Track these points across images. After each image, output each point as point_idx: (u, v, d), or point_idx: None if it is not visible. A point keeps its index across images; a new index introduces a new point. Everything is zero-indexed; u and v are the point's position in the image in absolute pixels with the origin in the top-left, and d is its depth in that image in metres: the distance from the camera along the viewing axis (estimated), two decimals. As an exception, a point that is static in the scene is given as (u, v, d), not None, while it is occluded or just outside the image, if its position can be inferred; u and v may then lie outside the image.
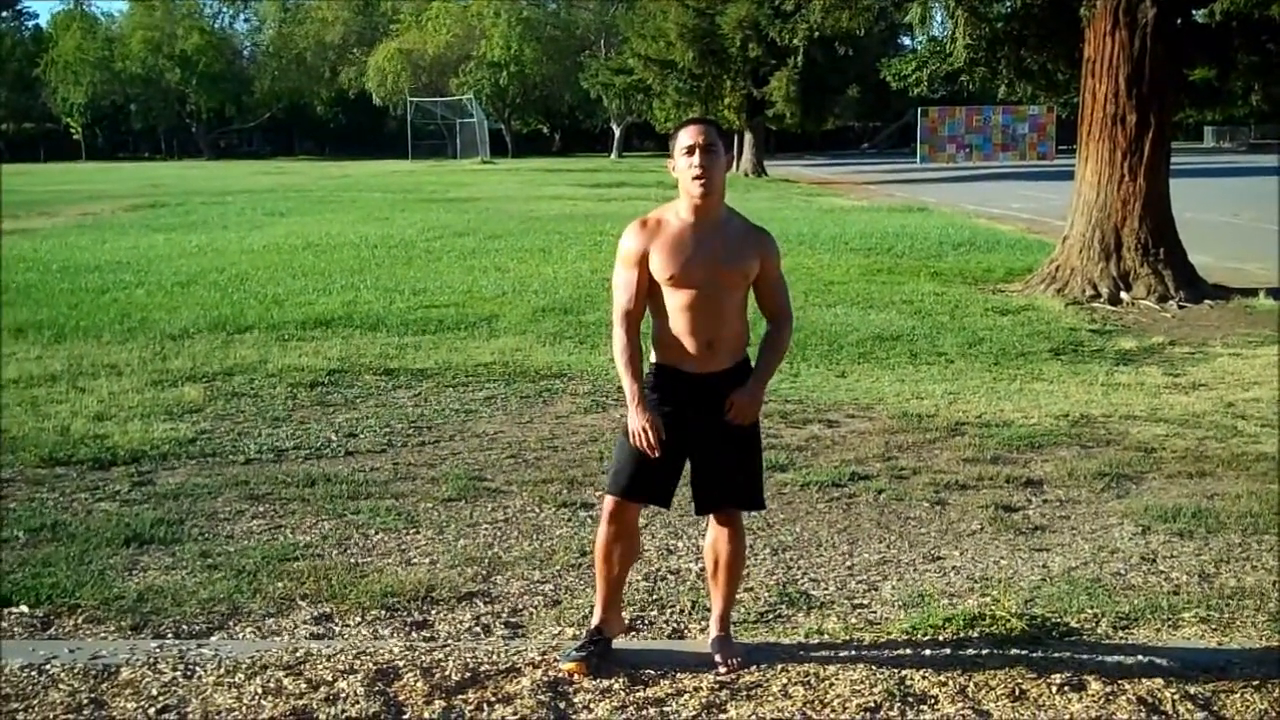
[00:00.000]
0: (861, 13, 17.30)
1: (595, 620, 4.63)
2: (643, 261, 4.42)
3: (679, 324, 4.39)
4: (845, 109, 51.28)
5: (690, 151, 4.31)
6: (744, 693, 4.31)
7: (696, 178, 4.31)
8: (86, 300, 14.05)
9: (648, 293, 4.44)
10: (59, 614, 5.11)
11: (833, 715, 4.16)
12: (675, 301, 4.39)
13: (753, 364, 4.51)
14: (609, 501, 4.50)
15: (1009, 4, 17.57)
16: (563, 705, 4.23)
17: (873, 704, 4.21)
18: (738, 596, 4.95)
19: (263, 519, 6.42)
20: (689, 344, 4.39)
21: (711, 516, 4.61)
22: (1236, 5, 13.69)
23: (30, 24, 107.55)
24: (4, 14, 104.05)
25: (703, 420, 4.42)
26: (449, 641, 4.82)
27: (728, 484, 4.52)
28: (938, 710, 4.19)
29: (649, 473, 4.44)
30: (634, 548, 4.67)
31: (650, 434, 4.32)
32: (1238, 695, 4.32)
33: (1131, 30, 14.22)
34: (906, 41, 46.16)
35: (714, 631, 4.65)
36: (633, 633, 4.90)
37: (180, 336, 11.68)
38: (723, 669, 4.47)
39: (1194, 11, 15.43)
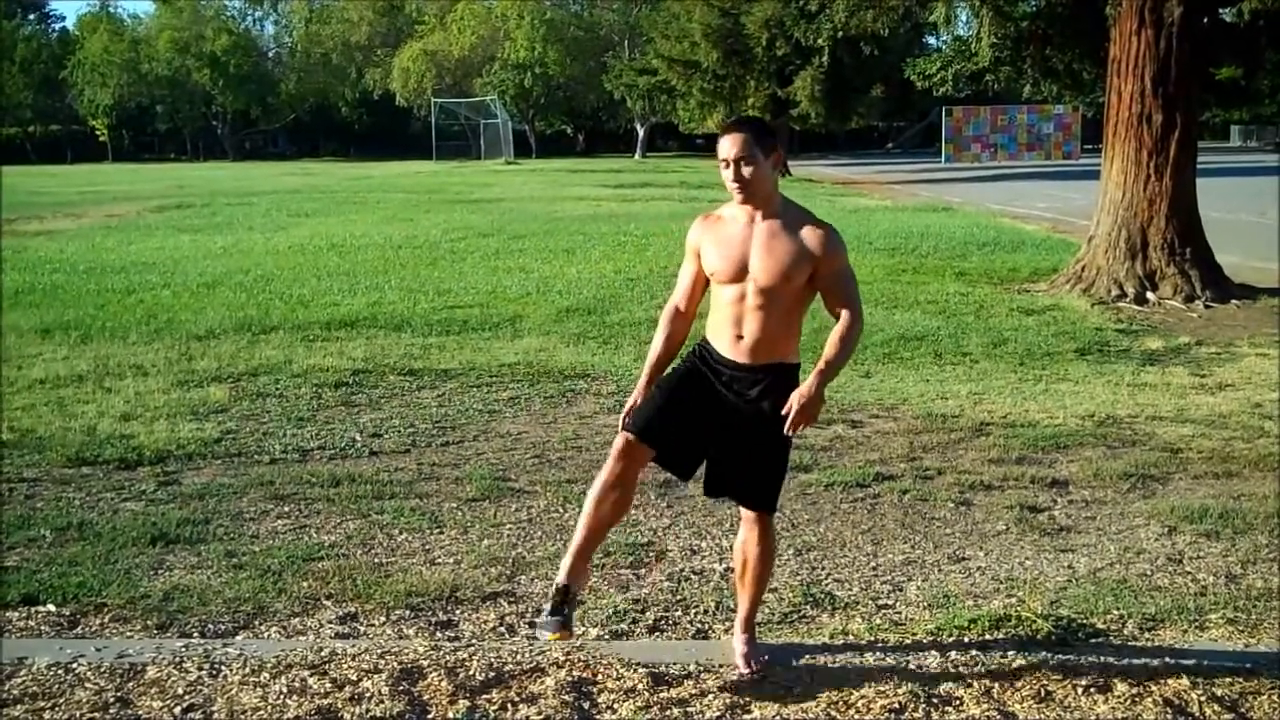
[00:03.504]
0: (886, 12, 17.26)
1: (563, 575, 4.43)
2: (698, 255, 4.49)
3: (719, 314, 4.44)
4: (870, 108, 51.14)
5: (726, 165, 4.31)
6: (768, 693, 4.30)
7: (733, 189, 4.34)
8: (113, 301, 14.12)
9: (705, 286, 4.51)
10: (85, 613, 5.14)
11: (857, 716, 4.15)
12: (719, 295, 4.44)
13: (789, 369, 4.46)
14: (619, 439, 4.38)
15: (1034, 3, 17.53)
16: (586, 705, 4.23)
17: (897, 705, 4.20)
18: (762, 597, 4.93)
19: (288, 519, 6.44)
20: (723, 333, 4.42)
21: (742, 517, 4.59)
22: (1264, 4, 13.62)
23: (57, 26, 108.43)
24: (30, 16, 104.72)
25: (729, 405, 4.40)
26: (473, 641, 4.83)
27: (738, 476, 4.48)
28: (963, 711, 4.17)
29: (667, 424, 4.38)
30: (627, 502, 4.49)
31: (629, 408, 4.47)
32: (1265, 697, 4.29)
33: (1157, 29, 14.15)
34: (931, 41, 46.08)
35: (738, 633, 4.64)
36: (657, 633, 4.89)
37: (206, 337, 11.72)
38: (745, 670, 4.47)
39: (1221, 10, 15.36)
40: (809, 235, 4.33)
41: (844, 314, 4.39)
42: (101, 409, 8.83)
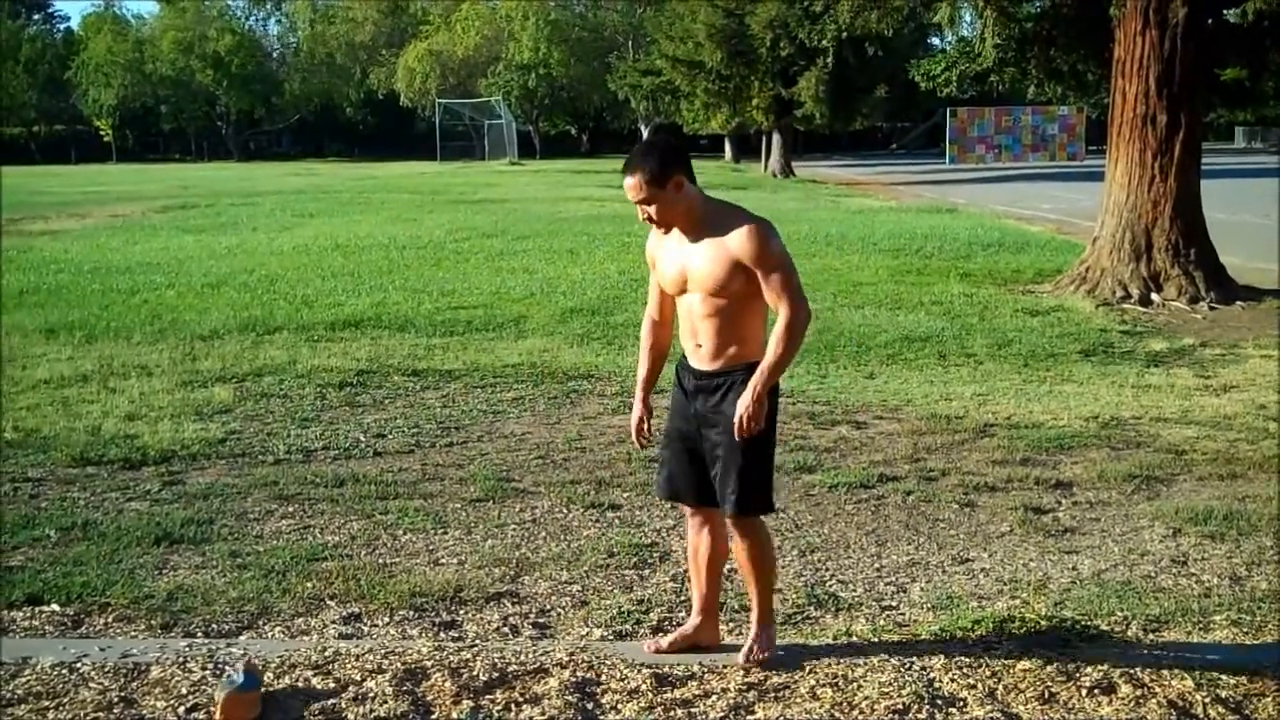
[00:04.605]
0: (891, 13, 17.24)
1: (688, 626, 4.76)
2: (655, 266, 4.59)
3: (682, 325, 4.51)
4: (874, 109, 50.98)
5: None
6: (772, 694, 4.30)
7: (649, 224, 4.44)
8: (117, 301, 14.13)
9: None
10: (90, 612, 5.14)
11: (861, 717, 4.15)
12: (677, 306, 4.54)
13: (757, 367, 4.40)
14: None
15: (1038, 4, 17.52)
16: (590, 706, 4.23)
17: (901, 706, 4.20)
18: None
19: (292, 519, 6.45)
20: (687, 343, 4.49)
21: (730, 525, 4.57)
22: (1269, 4, 13.60)
23: (62, 26, 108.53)
24: (35, 16, 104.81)
25: (701, 418, 4.44)
26: (477, 642, 4.83)
27: (720, 483, 4.43)
28: (966, 712, 4.17)
29: (673, 470, 4.58)
30: (707, 547, 4.64)
31: (632, 427, 4.72)
32: (1269, 699, 4.29)
33: (1162, 30, 14.14)
34: (936, 42, 46.09)
35: (752, 625, 4.63)
36: (661, 634, 4.89)
37: (210, 337, 11.74)
38: (740, 661, 4.46)
39: (1225, 11, 15.34)
40: (734, 235, 4.27)
41: (781, 309, 4.28)
42: (106, 409, 8.84)
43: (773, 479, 4.55)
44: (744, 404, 4.26)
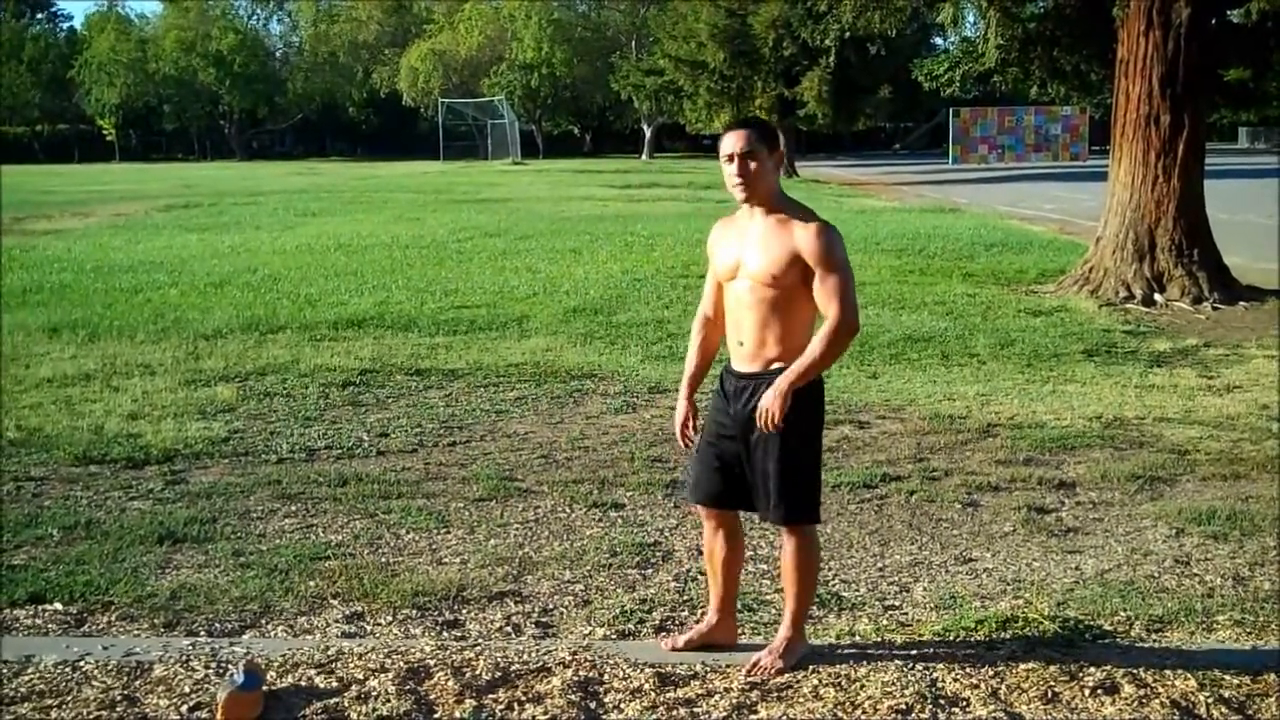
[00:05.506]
0: (894, 13, 17.22)
1: (704, 625, 4.75)
2: (713, 256, 4.56)
3: (728, 321, 4.49)
4: (877, 109, 50.97)
5: (730, 160, 4.31)
6: (775, 694, 4.30)
7: (735, 185, 4.33)
8: (120, 300, 14.14)
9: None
10: (92, 611, 5.14)
11: (864, 717, 4.15)
12: (725, 299, 4.50)
13: None
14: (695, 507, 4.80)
15: (1041, 4, 17.50)
16: (593, 705, 4.23)
17: (904, 706, 4.19)
18: (767, 597, 4.91)
19: (295, 518, 6.45)
20: (731, 341, 4.48)
21: (781, 531, 4.56)
22: (1273, 4, 13.58)
23: (65, 26, 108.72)
24: (38, 16, 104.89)
25: (740, 423, 4.40)
26: (480, 641, 4.83)
27: (762, 491, 4.42)
28: (969, 712, 4.17)
29: (706, 472, 4.55)
30: (725, 551, 4.64)
31: (676, 426, 4.68)
32: (1273, 699, 4.28)
33: (1165, 30, 14.12)
34: (939, 42, 46.04)
35: (780, 631, 4.60)
36: (664, 634, 4.89)
37: (213, 336, 11.74)
38: (747, 666, 4.45)
39: (1229, 11, 15.32)
40: (800, 232, 4.28)
41: (830, 312, 4.27)
42: (109, 408, 8.85)
43: (819, 487, 4.53)
44: (768, 397, 4.25)
